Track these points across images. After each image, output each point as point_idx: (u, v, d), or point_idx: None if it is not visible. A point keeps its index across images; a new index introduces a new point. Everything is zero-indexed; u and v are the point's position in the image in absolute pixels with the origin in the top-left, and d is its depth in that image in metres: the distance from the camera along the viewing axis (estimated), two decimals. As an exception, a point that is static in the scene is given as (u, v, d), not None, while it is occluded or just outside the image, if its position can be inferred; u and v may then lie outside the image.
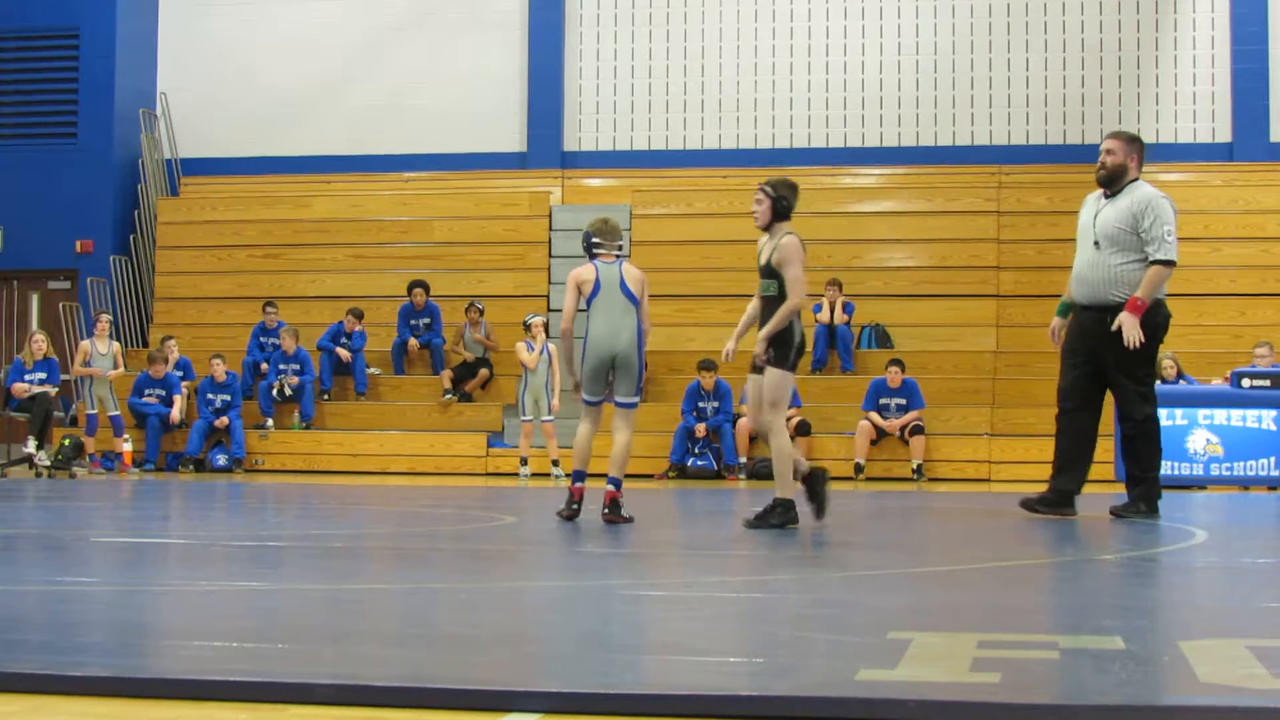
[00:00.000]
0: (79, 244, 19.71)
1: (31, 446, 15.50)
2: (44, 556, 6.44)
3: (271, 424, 17.07)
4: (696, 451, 15.82)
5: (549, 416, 15.49)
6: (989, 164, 18.91)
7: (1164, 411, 13.88)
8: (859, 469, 15.61)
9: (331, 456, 16.92)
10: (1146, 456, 8.53)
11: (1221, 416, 13.71)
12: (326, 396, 17.73)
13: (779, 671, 3.28)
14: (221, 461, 16.65)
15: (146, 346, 18.81)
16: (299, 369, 17.34)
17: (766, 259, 7.72)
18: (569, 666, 3.44)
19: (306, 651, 3.59)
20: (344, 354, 17.66)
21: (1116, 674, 3.21)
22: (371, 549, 6.89)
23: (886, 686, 3.02)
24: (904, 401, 15.77)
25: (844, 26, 19.52)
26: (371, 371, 17.83)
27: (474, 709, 2.94)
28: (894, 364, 15.85)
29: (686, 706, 2.89)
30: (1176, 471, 13.78)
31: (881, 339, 17.67)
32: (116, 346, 16.82)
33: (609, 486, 8.09)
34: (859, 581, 5.34)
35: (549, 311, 18.48)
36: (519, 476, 15.61)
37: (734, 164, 19.46)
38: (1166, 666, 3.28)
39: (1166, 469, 13.77)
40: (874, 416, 15.74)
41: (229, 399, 16.88)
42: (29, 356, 15.97)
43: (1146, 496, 8.46)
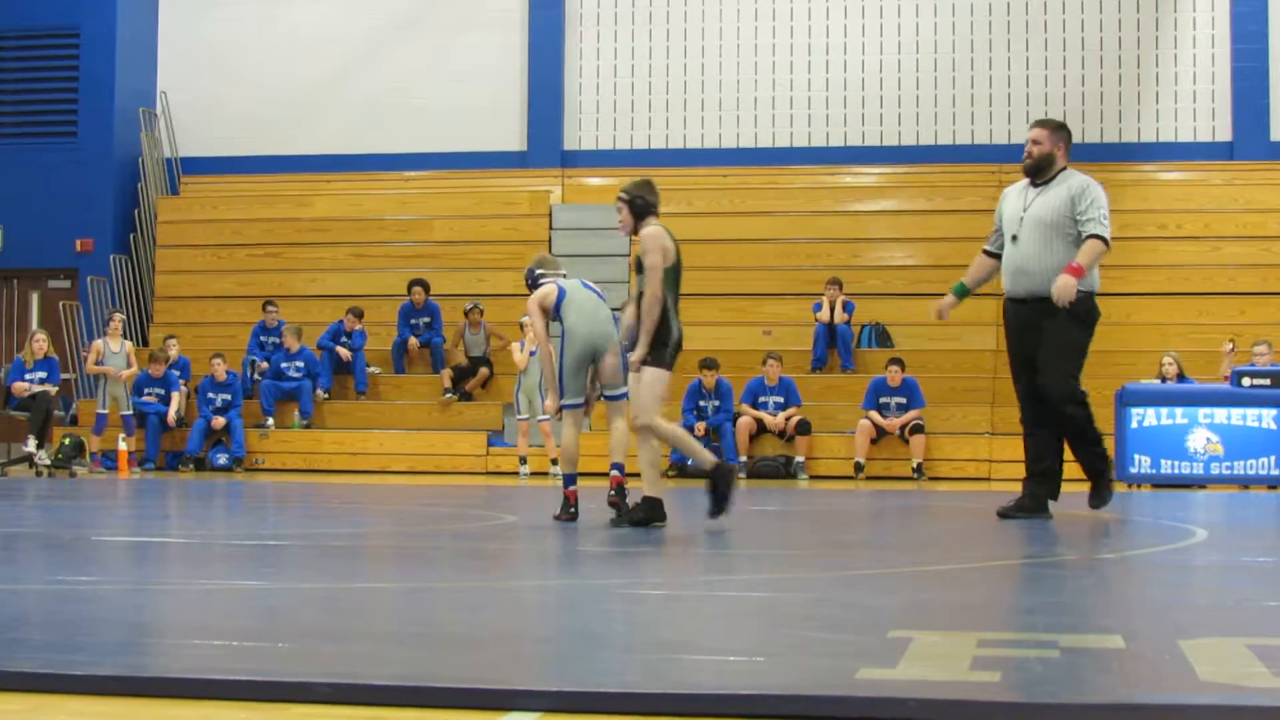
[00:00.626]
0: (79, 243, 19.71)
1: (32, 445, 15.51)
2: (44, 555, 6.44)
3: (272, 423, 17.07)
4: (697, 450, 15.80)
5: (544, 415, 15.50)
6: (989, 163, 18.89)
7: (1164, 410, 13.98)
8: (859, 468, 15.62)
9: (332, 455, 16.92)
10: (1092, 443, 8.33)
11: (1221, 415, 13.71)
12: (326, 396, 17.72)
13: (779, 670, 3.28)
14: (222, 460, 16.66)
15: (147, 345, 18.80)
16: (302, 367, 17.35)
17: (636, 256, 7.81)
18: (569, 665, 3.44)
19: (306, 650, 3.59)
20: (344, 353, 17.66)
21: (1116, 673, 3.21)
22: (371, 548, 6.89)
23: (887, 685, 3.02)
24: (904, 400, 15.77)
25: (844, 25, 19.52)
26: (371, 370, 17.83)
27: (474, 708, 2.94)
28: (894, 363, 15.85)
29: (686, 705, 2.89)
30: (1177, 471, 13.79)
31: (881, 338, 17.66)
32: (129, 345, 16.88)
33: (613, 472, 8.09)
34: (859, 580, 5.34)
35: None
36: (519, 476, 15.62)
37: (734, 163, 19.46)
38: (1166, 665, 3.28)
39: (1168, 468, 13.87)
40: (874, 415, 15.74)
41: (229, 398, 16.89)
42: (29, 355, 15.98)
43: (1106, 479, 8.42)
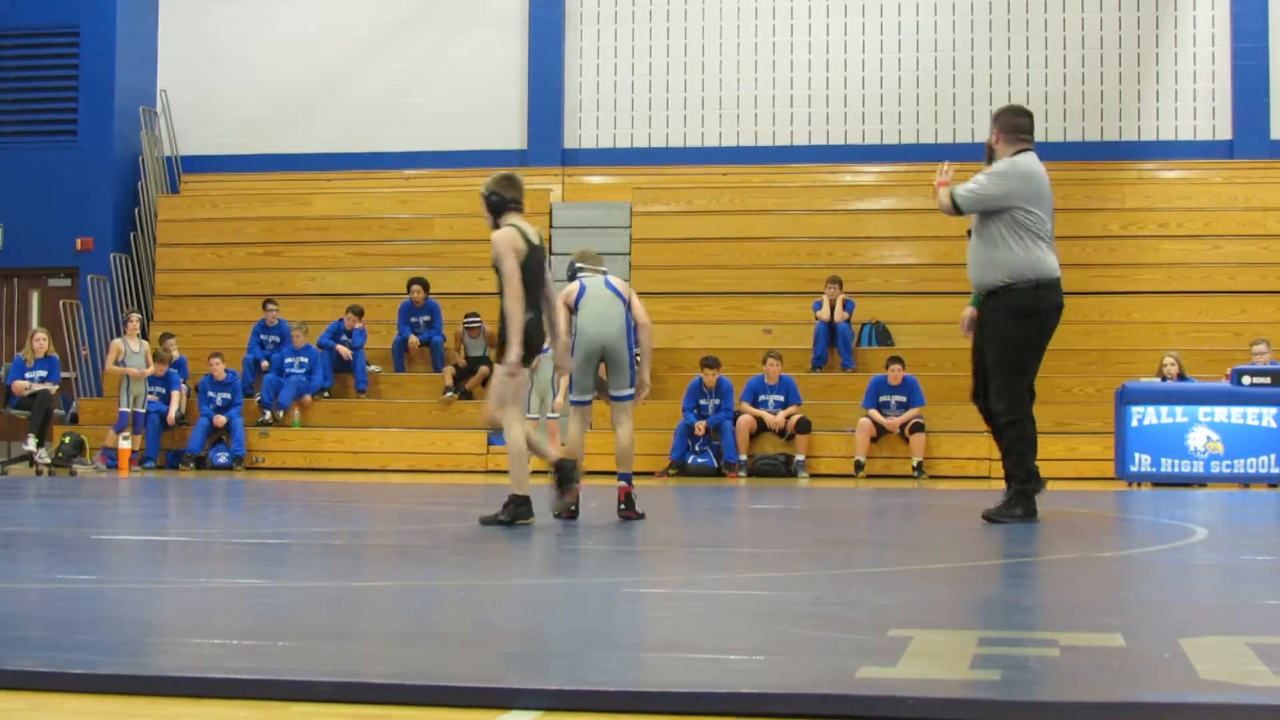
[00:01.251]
0: (79, 241, 19.71)
1: (32, 444, 15.51)
2: (44, 554, 6.44)
3: (269, 416, 17.06)
4: (697, 449, 15.82)
5: (554, 414, 15.49)
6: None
7: (1164, 409, 13.98)
8: (859, 466, 15.62)
9: (332, 454, 16.92)
10: (1014, 458, 8.06)
11: (1222, 414, 13.71)
12: (327, 394, 17.72)
13: (779, 669, 3.28)
14: (222, 459, 16.67)
15: (147, 344, 18.80)
16: (307, 363, 17.35)
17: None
18: (569, 664, 3.44)
19: (307, 649, 3.59)
20: (344, 351, 17.66)
21: (1117, 671, 3.21)
22: (372, 546, 6.89)
23: (887, 684, 3.02)
24: (904, 399, 15.76)
25: (844, 24, 19.51)
26: (372, 369, 17.83)
27: (474, 706, 2.94)
28: (894, 361, 15.85)
29: (687, 704, 2.89)
30: (1177, 469, 13.79)
31: (882, 336, 17.66)
32: (147, 345, 16.92)
33: (621, 483, 8.10)
34: (859, 579, 5.34)
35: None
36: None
37: (734, 161, 19.46)
38: (1167, 664, 3.28)
39: (1168, 467, 13.87)
40: (874, 414, 15.74)
41: (229, 397, 16.89)
42: (30, 354, 15.98)
43: (1020, 500, 7.97)
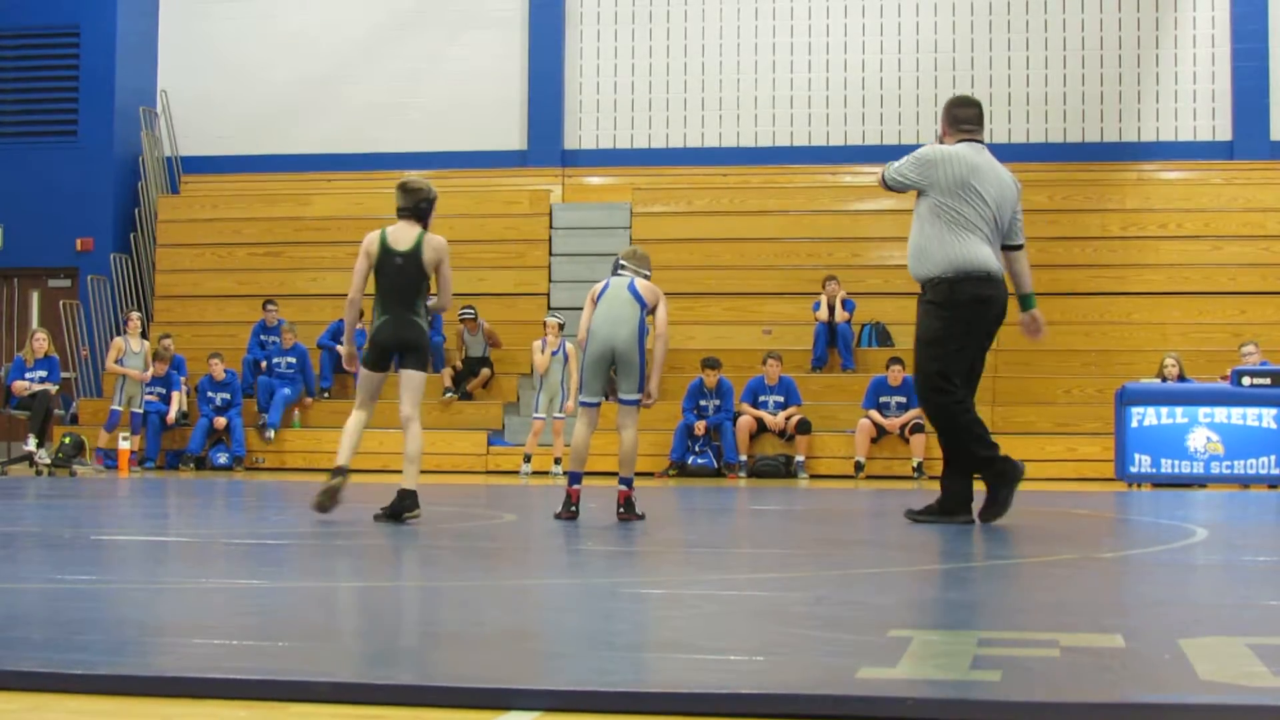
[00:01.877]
0: (79, 242, 19.71)
1: (32, 444, 15.51)
2: (44, 554, 6.44)
3: (264, 432, 17.04)
4: (697, 449, 15.82)
5: (561, 414, 15.48)
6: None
7: (1164, 410, 13.98)
8: (859, 467, 15.62)
9: (332, 454, 16.78)
10: (960, 443, 7.88)
11: (1222, 415, 13.71)
12: (326, 395, 17.71)
13: (779, 669, 3.27)
14: (222, 460, 16.67)
15: (147, 344, 18.80)
16: (295, 363, 17.34)
17: None
18: (569, 664, 3.43)
19: (306, 649, 3.58)
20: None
21: (1117, 672, 3.21)
22: (371, 547, 6.89)
23: (887, 685, 3.01)
24: (904, 400, 15.76)
25: (844, 25, 19.52)
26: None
27: (474, 707, 2.93)
28: (894, 362, 15.84)
29: (687, 704, 2.89)
30: (1177, 470, 13.79)
31: (882, 337, 17.66)
32: (148, 345, 16.90)
33: (621, 486, 8.11)
34: (859, 579, 5.33)
35: (550, 310, 18.48)
36: (520, 474, 15.58)
37: (734, 162, 19.46)
38: (1167, 665, 3.28)
39: (1168, 467, 13.87)
40: (874, 415, 15.74)
41: (229, 398, 16.89)
42: (30, 354, 15.98)
43: (1001, 485, 7.82)
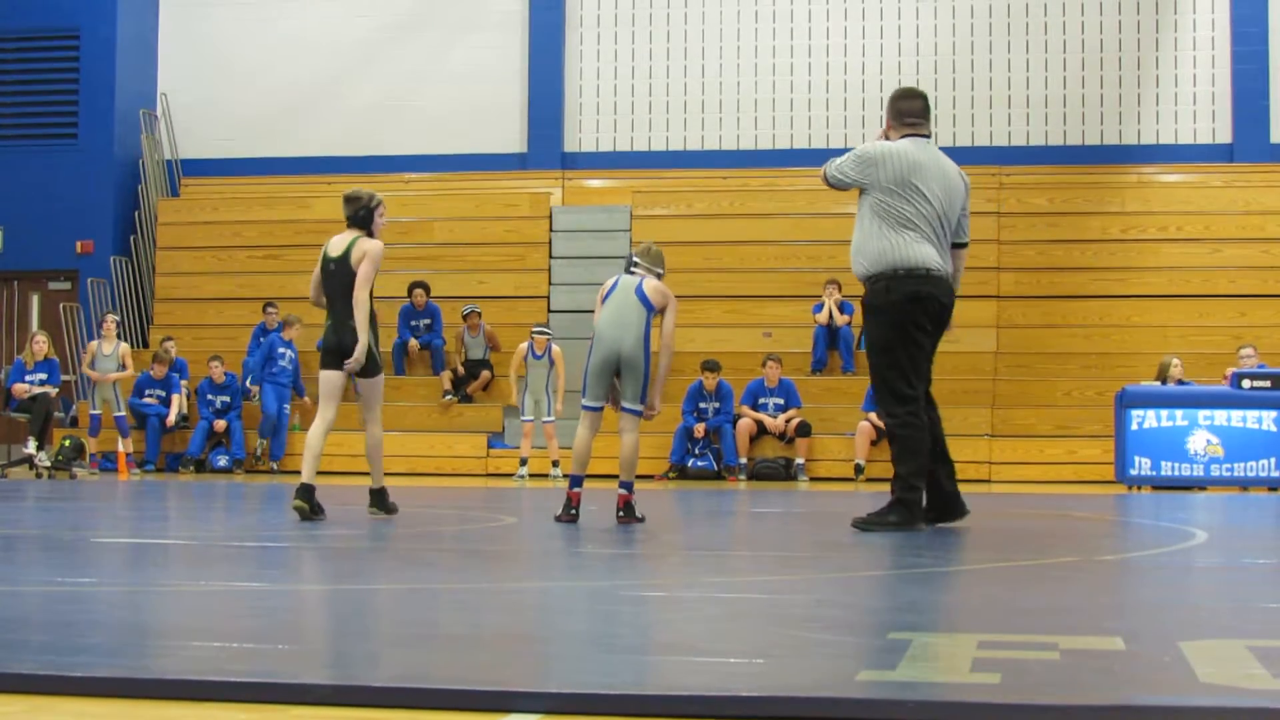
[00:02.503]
0: (79, 245, 19.71)
1: (32, 447, 15.50)
2: (44, 557, 6.44)
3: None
4: (696, 452, 15.82)
5: (550, 417, 15.47)
6: (989, 164, 18.89)
7: (1164, 412, 13.98)
8: (859, 469, 15.62)
9: (331, 457, 16.80)
10: (898, 460, 7.51)
11: (1222, 417, 13.71)
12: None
13: (779, 672, 3.27)
14: (221, 462, 16.67)
15: (147, 347, 18.81)
16: (291, 356, 17.20)
17: None
18: (569, 667, 3.43)
19: (306, 652, 3.58)
20: (344, 354, 17.65)
21: (1117, 674, 3.21)
22: (371, 549, 6.89)
23: (887, 687, 3.01)
24: (904, 402, 15.75)
25: (844, 27, 19.52)
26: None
27: (474, 709, 2.93)
28: (894, 364, 15.83)
29: (687, 707, 2.89)
30: (1177, 472, 13.79)
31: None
32: (124, 348, 16.74)
33: (621, 490, 8.10)
34: (859, 582, 5.33)
35: (550, 313, 18.50)
36: (515, 478, 15.54)
37: (734, 165, 19.46)
38: (1167, 667, 3.28)
39: (1168, 470, 13.87)
40: (874, 417, 15.72)
41: (228, 400, 16.89)
42: (30, 357, 15.98)
43: (897, 508, 7.42)
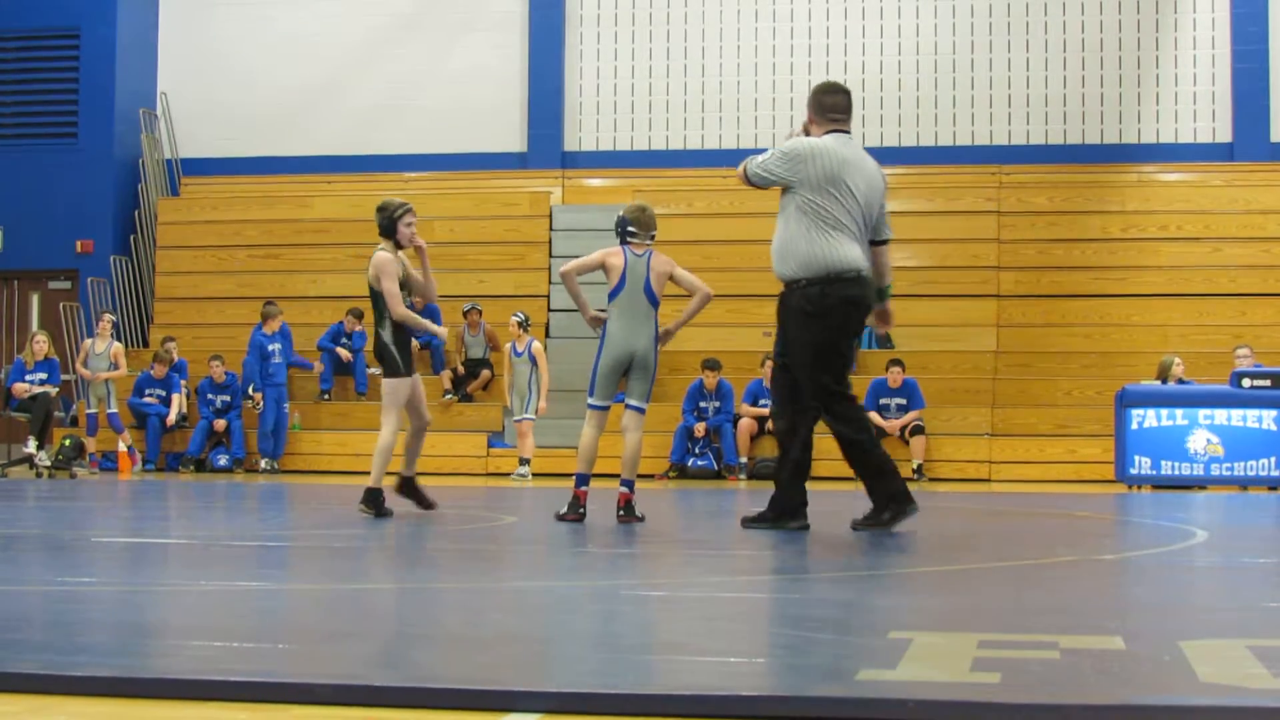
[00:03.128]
0: (79, 244, 19.71)
1: (32, 447, 15.50)
2: (45, 556, 6.44)
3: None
4: (697, 451, 15.82)
5: (529, 415, 15.50)
6: (989, 164, 18.90)
7: (1164, 412, 13.98)
8: (859, 469, 15.60)
9: (332, 457, 16.92)
10: (855, 460, 7.28)
11: (1222, 416, 13.71)
12: (327, 396, 17.72)
13: (780, 671, 3.28)
14: (222, 462, 16.67)
15: (147, 346, 18.81)
16: (282, 348, 17.17)
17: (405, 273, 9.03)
18: (570, 666, 3.44)
19: (307, 651, 3.59)
20: (344, 354, 17.67)
21: (1117, 674, 3.21)
22: (372, 549, 6.89)
23: (887, 686, 3.02)
24: (904, 401, 15.77)
25: (844, 26, 19.51)
26: (372, 371, 17.80)
27: (475, 709, 2.94)
28: (894, 364, 15.85)
29: (688, 706, 2.89)
30: (1177, 472, 13.79)
31: (882, 339, 17.65)
32: (118, 347, 16.72)
33: (622, 489, 8.08)
34: (859, 581, 5.34)
35: (550, 312, 18.49)
36: (512, 476, 15.59)
37: (734, 164, 19.27)
38: (1167, 666, 3.28)
39: (1168, 469, 13.87)
40: (874, 416, 15.71)
41: (229, 399, 16.89)
42: (30, 357, 15.98)
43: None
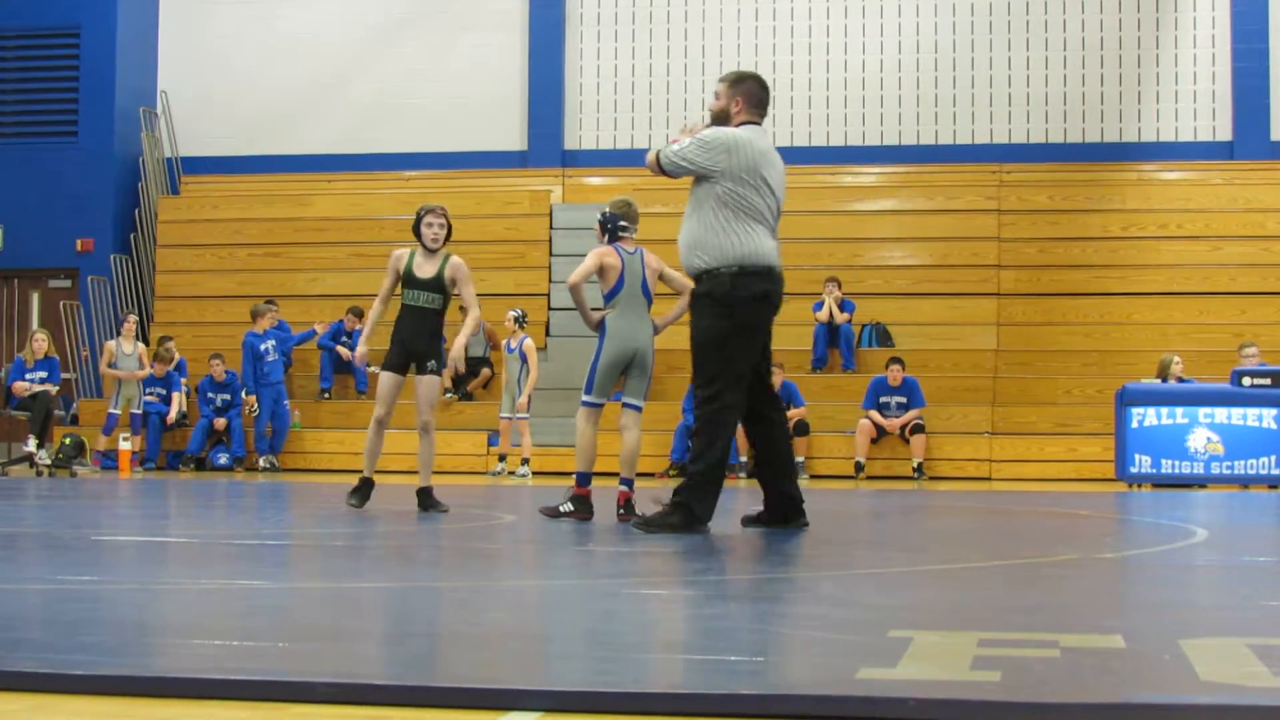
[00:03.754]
0: (79, 243, 19.72)
1: (32, 445, 15.51)
2: (45, 555, 6.44)
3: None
4: (697, 450, 15.80)
5: (515, 413, 15.53)
6: (989, 162, 18.90)
7: (1164, 410, 13.97)
8: (859, 468, 15.62)
9: (332, 455, 16.92)
10: (698, 456, 7.14)
11: (1222, 415, 13.71)
12: (327, 395, 17.73)
13: (780, 670, 3.28)
14: (222, 460, 16.68)
15: (147, 345, 18.80)
16: (276, 346, 17.12)
17: (436, 273, 8.83)
18: (570, 665, 3.44)
19: (307, 650, 3.58)
20: (344, 353, 17.67)
21: (1117, 673, 3.21)
22: (372, 547, 6.89)
23: (887, 685, 3.01)
24: (904, 400, 15.77)
25: (844, 25, 19.52)
26: (371, 370, 17.80)
27: (475, 707, 2.93)
28: (894, 362, 15.85)
29: (687, 705, 2.89)
30: (1177, 470, 13.79)
31: (882, 337, 17.67)
32: (142, 347, 16.93)
33: (621, 487, 8.08)
34: (859, 580, 5.34)
35: (550, 310, 18.50)
36: (496, 474, 15.68)
37: (734, 163, 19.42)
38: (1167, 665, 3.28)
39: (1168, 468, 13.87)
40: (874, 415, 15.74)
41: (229, 398, 16.89)
42: (30, 355, 15.99)
43: (679, 509, 7.09)
